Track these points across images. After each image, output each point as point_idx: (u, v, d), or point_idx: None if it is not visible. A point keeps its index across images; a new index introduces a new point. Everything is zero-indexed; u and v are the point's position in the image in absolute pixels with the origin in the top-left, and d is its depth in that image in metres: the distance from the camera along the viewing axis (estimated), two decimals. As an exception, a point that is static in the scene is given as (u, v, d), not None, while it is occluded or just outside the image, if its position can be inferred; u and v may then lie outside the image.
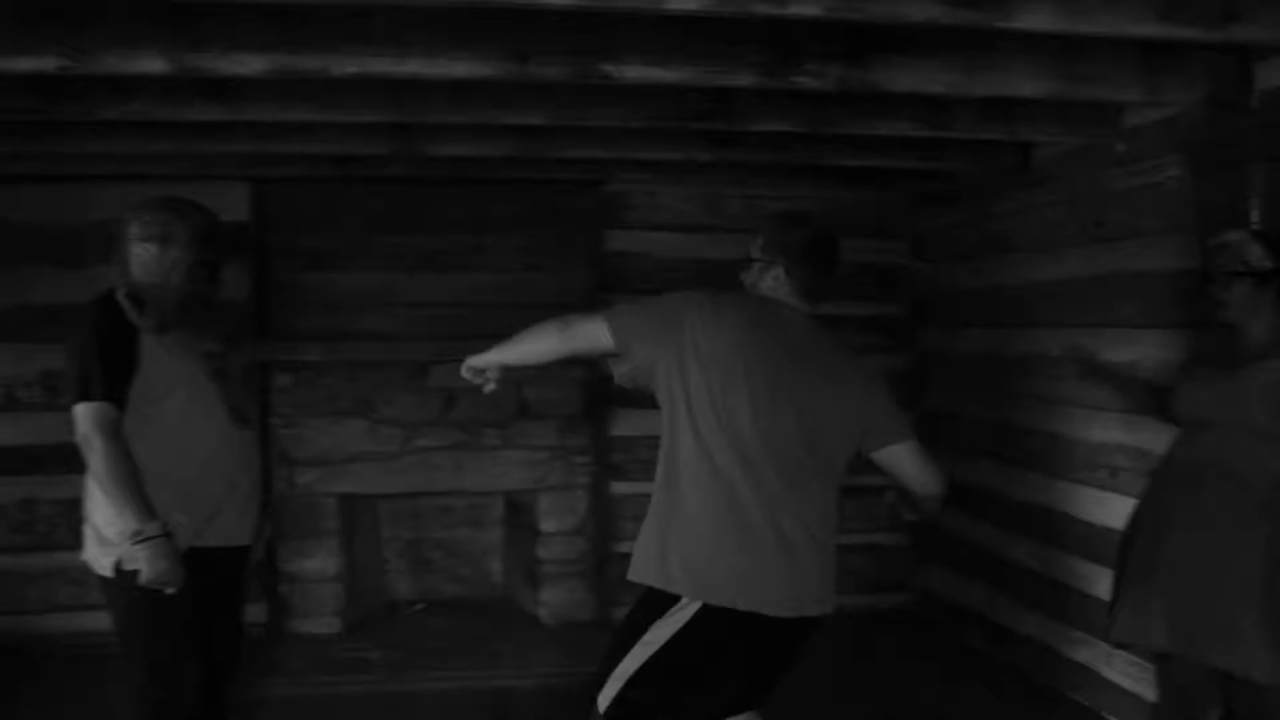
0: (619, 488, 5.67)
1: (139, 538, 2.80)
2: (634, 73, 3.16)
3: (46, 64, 2.95)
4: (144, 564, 2.81)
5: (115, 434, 2.83)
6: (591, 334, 2.74)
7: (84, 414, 2.82)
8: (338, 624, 5.51)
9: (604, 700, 2.63)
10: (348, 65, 3.03)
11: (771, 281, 2.85)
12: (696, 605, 2.57)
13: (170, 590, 2.86)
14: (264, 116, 3.69)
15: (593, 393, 5.60)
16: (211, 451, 3.04)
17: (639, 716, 2.63)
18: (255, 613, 5.02)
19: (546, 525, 5.61)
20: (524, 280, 5.53)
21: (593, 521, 5.65)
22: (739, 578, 2.57)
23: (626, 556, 5.51)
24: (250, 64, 3.01)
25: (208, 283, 3.06)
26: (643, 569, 2.69)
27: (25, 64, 2.94)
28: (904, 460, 2.82)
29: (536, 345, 2.86)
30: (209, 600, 3.07)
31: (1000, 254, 5.08)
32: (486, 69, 3.09)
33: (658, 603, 2.63)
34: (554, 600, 5.65)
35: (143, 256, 2.93)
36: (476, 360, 2.94)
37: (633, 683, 2.60)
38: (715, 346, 2.62)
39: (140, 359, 2.91)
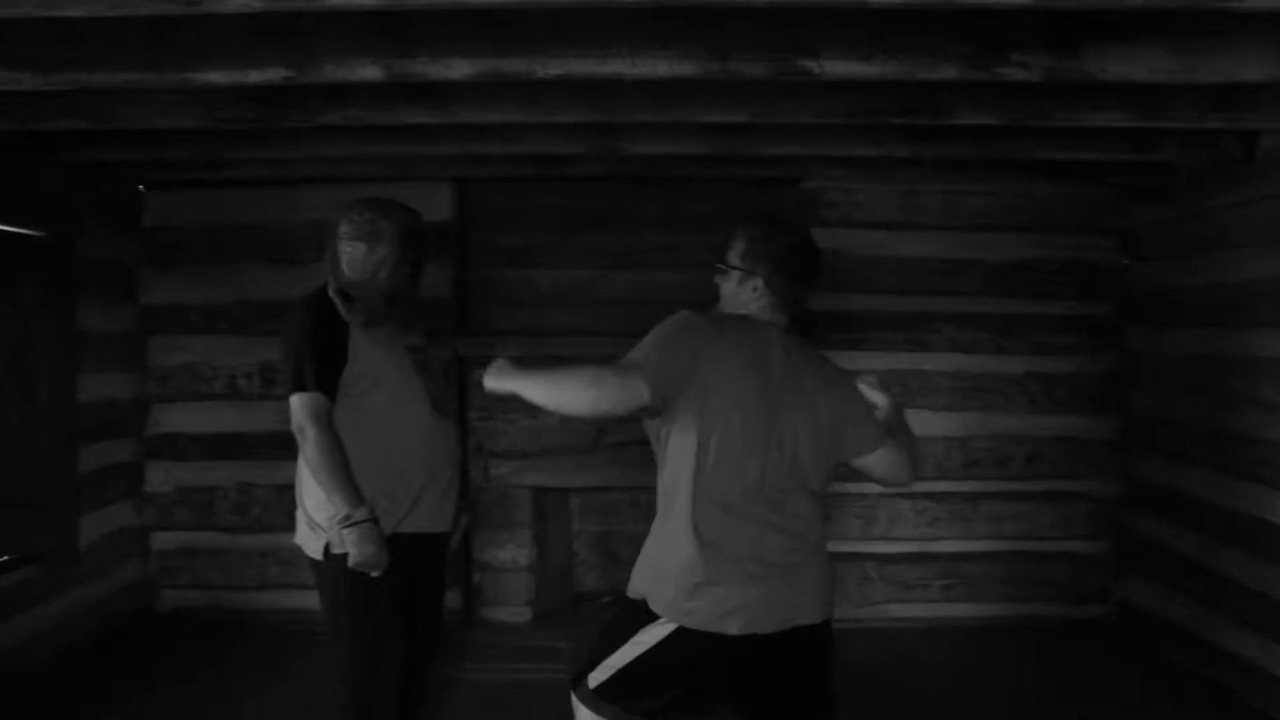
0: (808, 487, 5.59)
1: (347, 522, 2.93)
2: (835, 68, 3.10)
3: (272, 75, 3.09)
4: (351, 547, 2.94)
5: (327, 423, 2.97)
6: (630, 398, 2.49)
7: (298, 404, 2.96)
8: (527, 613, 5.65)
9: (594, 680, 2.66)
10: (552, 67, 3.07)
11: (751, 293, 2.73)
12: (674, 625, 2.58)
13: (375, 573, 2.98)
14: (469, 118, 3.78)
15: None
16: (415, 441, 3.14)
17: (627, 699, 2.65)
18: (449, 599, 5.18)
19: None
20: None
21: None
22: (715, 605, 2.55)
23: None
24: (458, 68, 3.07)
25: (412, 279, 3.17)
26: (635, 583, 2.70)
27: (254, 76, 3.10)
28: (877, 463, 2.76)
29: (565, 404, 2.55)
30: (412, 584, 3.19)
31: (1219, 250, 4.77)
32: (687, 68, 3.08)
33: (646, 610, 2.64)
34: (740, 598, 5.63)
35: (352, 255, 3.05)
36: (497, 383, 2.65)
37: (623, 674, 2.63)
38: (716, 380, 2.55)
39: (350, 352, 3.04)
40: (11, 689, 4.46)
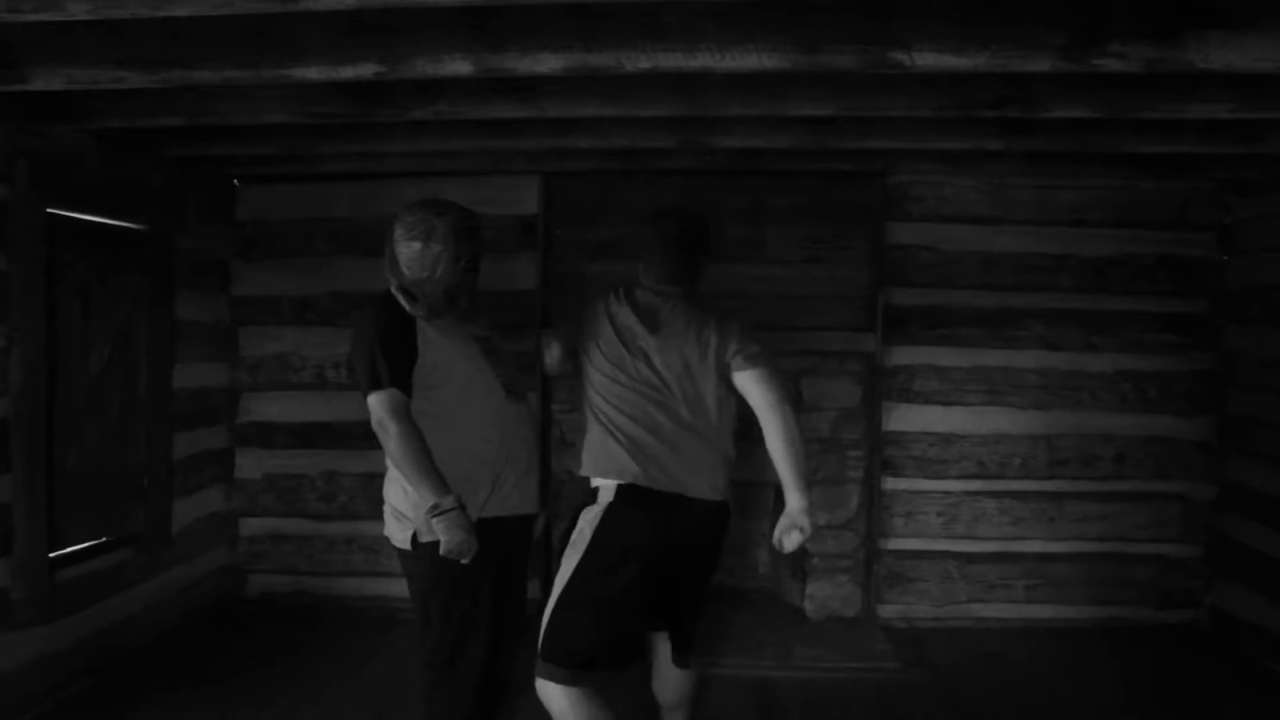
0: (891, 483, 5.56)
1: (435, 512, 2.99)
2: (927, 61, 3.04)
3: (364, 71, 3.13)
4: (442, 535, 2.99)
5: (406, 417, 3.03)
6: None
7: (377, 402, 3.03)
8: (608, 605, 5.66)
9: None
10: (640, 60, 3.06)
11: (642, 272, 3.47)
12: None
13: (465, 560, 3.03)
14: (557, 113, 3.80)
15: (869, 386, 5.53)
16: (490, 425, 3.19)
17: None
18: (531, 588, 5.23)
19: (816, 518, 5.55)
20: (804, 272, 5.53)
21: (863, 516, 5.57)
22: None
23: (896, 553, 5.41)
24: (547, 62, 3.08)
25: (469, 273, 3.23)
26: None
27: (347, 72, 3.14)
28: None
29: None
30: (498, 569, 3.23)
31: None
32: (776, 60, 3.05)
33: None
34: (820, 594, 5.60)
35: (409, 254, 3.14)
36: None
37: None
38: None
39: (420, 346, 3.11)
40: (112, 667, 4.61)
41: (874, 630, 5.42)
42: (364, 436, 5.49)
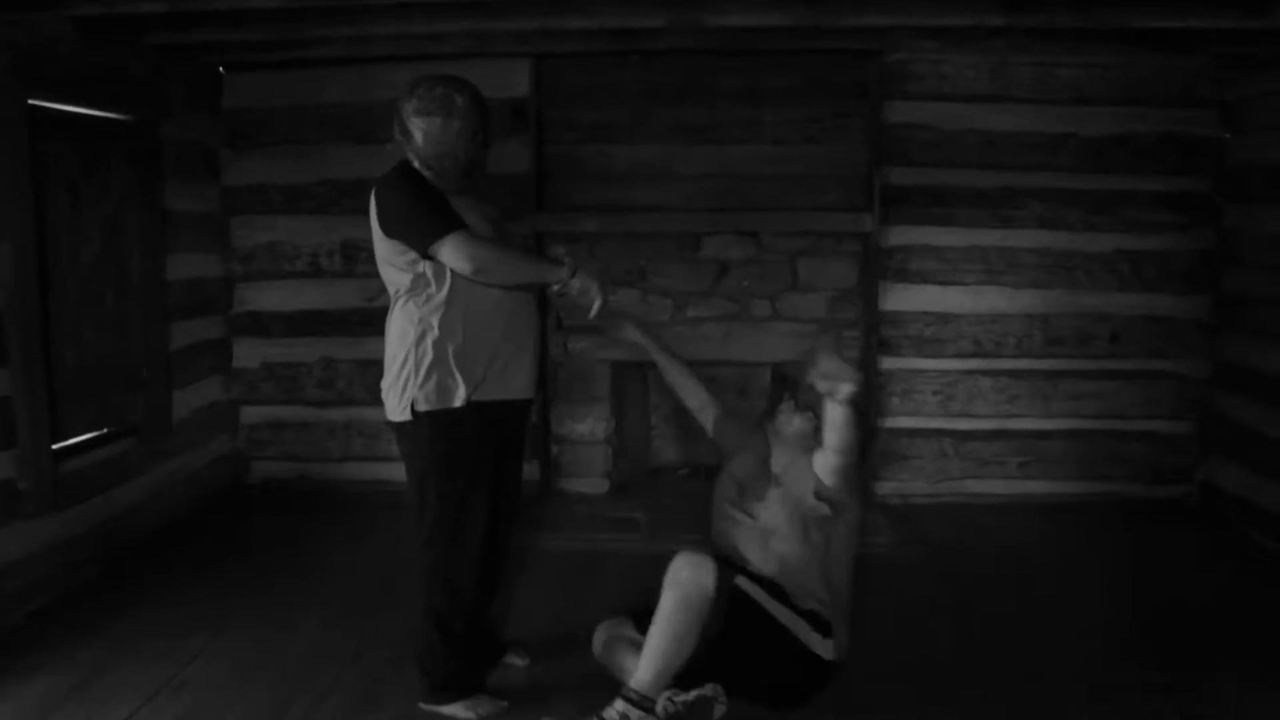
0: (888, 363, 5.57)
1: (567, 278, 3.05)
2: (927, -68, 2.98)
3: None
4: (581, 285, 3.07)
5: (482, 240, 3.02)
6: None
7: (454, 245, 2.97)
8: (605, 485, 5.77)
9: None
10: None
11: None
12: None
13: (598, 299, 3.09)
14: (547, -9, 3.72)
15: (866, 266, 5.50)
16: (495, 306, 3.16)
17: None
18: (528, 470, 5.29)
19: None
20: (801, 153, 5.46)
21: (859, 396, 5.59)
22: None
23: (892, 431, 5.44)
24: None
25: (484, 148, 3.18)
26: None
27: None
28: None
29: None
30: (497, 450, 3.25)
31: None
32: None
33: None
34: (816, 473, 5.66)
35: (427, 129, 3.05)
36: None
37: None
38: None
39: None
40: (118, 555, 4.69)
41: (870, 507, 5.49)
42: (360, 323, 5.58)
